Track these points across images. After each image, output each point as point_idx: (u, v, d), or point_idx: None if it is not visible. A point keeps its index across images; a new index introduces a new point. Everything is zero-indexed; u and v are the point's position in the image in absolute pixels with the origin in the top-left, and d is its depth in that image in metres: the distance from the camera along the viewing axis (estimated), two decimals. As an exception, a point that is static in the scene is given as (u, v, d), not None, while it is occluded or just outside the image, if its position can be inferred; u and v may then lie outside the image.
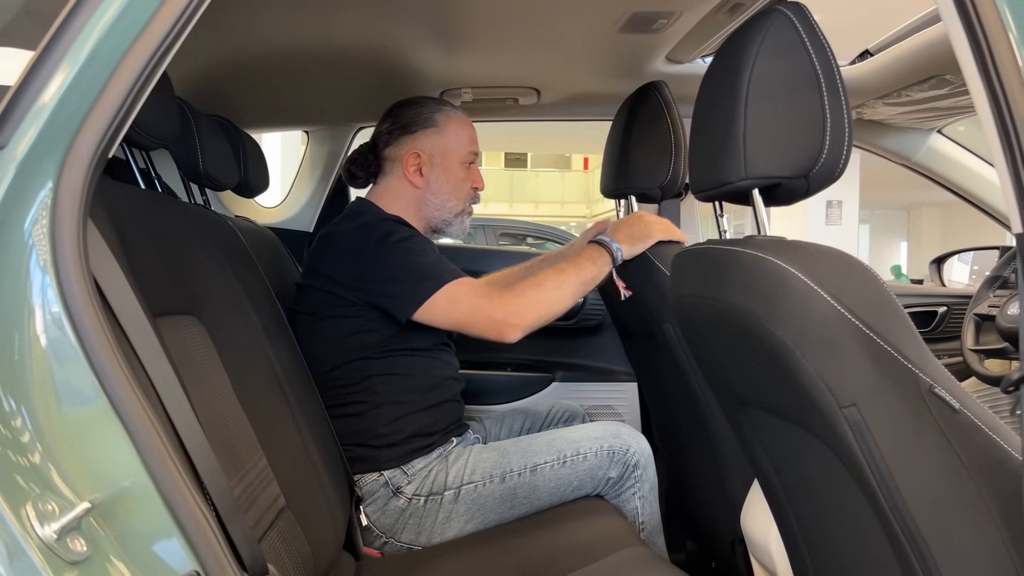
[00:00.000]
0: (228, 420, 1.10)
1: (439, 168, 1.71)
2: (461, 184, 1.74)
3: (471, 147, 1.75)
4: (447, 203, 1.73)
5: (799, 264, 0.86)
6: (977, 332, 1.77)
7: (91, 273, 0.73)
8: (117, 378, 0.69)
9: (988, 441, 0.81)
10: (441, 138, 1.71)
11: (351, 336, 1.58)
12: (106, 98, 0.72)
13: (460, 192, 1.74)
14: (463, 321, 1.52)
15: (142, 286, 0.88)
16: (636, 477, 1.62)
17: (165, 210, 1.22)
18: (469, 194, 1.76)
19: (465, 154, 1.74)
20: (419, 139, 1.71)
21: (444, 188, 1.72)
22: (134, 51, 0.73)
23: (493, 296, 1.51)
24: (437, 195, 1.72)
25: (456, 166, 1.73)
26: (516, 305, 1.50)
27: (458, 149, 1.73)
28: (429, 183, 1.71)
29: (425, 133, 1.71)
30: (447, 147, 1.72)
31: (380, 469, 1.56)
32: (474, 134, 1.77)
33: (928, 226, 16.30)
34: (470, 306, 1.51)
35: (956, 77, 1.58)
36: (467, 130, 1.75)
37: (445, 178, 1.72)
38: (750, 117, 0.92)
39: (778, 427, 1.03)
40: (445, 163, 1.72)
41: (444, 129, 1.72)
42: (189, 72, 1.76)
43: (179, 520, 0.69)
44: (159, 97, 1.12)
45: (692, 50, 1.74)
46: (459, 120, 1.75)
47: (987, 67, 0.76)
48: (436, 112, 1.73)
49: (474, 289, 1.52)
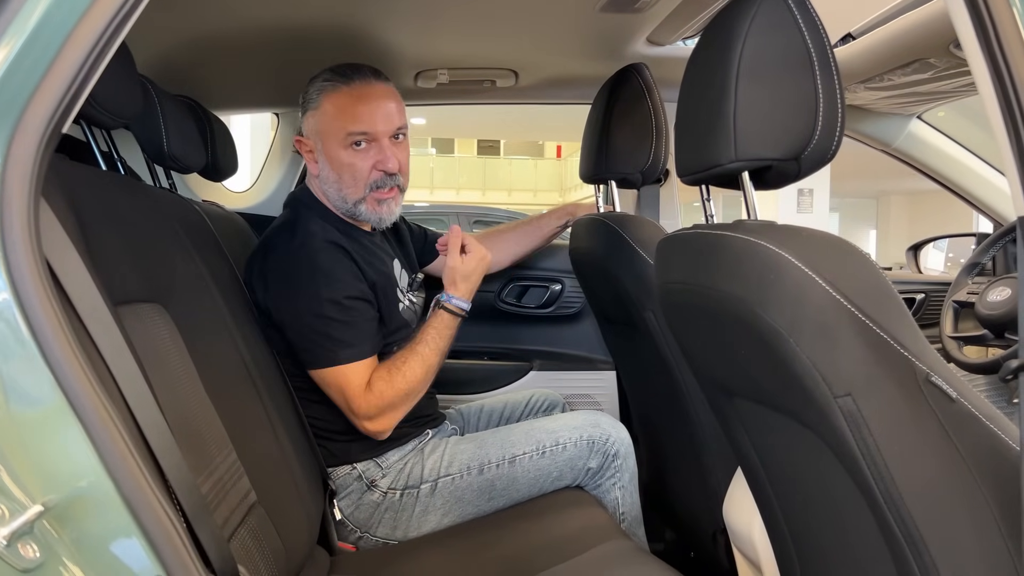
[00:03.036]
0: (196, 413, 1.05)
1: (323, 155, 1.55)
2: (347, 170, 1.53)
3: (352, 127, 1.50)
4: (341, 191, 1.55)
5: (792, 249, 0.83)
6: (956, 319, 1.77)
7: (44, 257, 0.67)
8: (73, 371, 0.64)
9: (986, 431, 0.79)
10: (319, 120, 1.54)
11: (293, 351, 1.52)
12: (57, 69, 0.67)
13: (350, 179, 1.53)
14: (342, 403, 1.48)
15: (102, 272, 0.82)
16: (616, 467, 1.60)
17: (127, 193, 1.16)
18: (371, 178, 1.54)
19: (343, 136, 1.51)
20: (306, 122, 1.57)
21: (331, 176, 1.55)
22: (88, 19, 0.67)
23: (365, 406, 1.45)
24: (329, 184, 1.56)
25: (338, 150, 1.52)
26: (385, 418, 1.47)
27: (335, 132, 1.51)
28: (320, 170, 1.57)
29: (308, 116, 1.56)
30: (324, 130, 1.53)
31: (351, 462, 1.53)
32: (363, 109, 1.51)
33: (896, 214, 16.53)
34: (345, 405, 1.47)
35: (940, 61, 1.56)
36: (351, 107, 1.51)
37: (330, 165, 1.54)
38: (741, 97, 0.89)
39: (766, 417, 1.00)
40: (326, 148, 1.54)
41: (321, 109, 1.53)
42: (154, 50, 1.70)
43: (141, 521, 0.65)
44: (119, 72, 1.07)
45: (674, 32, 1.71)
46: (344, 95, 1.51)
47: (990, 42, 0.73)
48: (319, 91, 1.53)
49: (353, 389, 1.45)
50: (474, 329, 2.28)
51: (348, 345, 1.46)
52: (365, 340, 1.48)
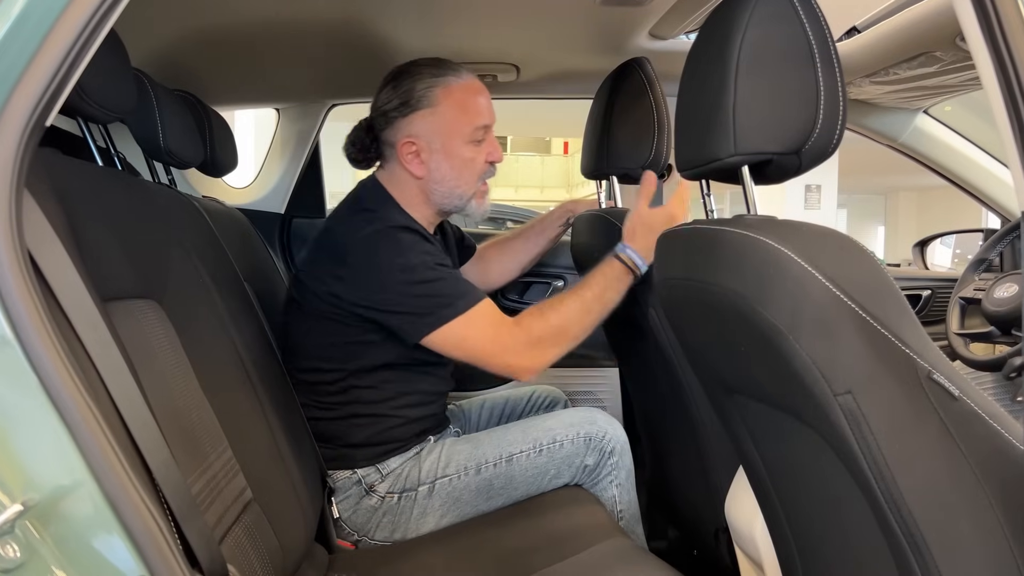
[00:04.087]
0: (190, 410, 1.04)
1: (439, 153, 1.50)
2: (468, 165, 1.52)
3: (477, 121, 1.51)
4: (456, 189, 1.53)
5: (793, 244, 0.81)
6: (962, 316, 1.75)
7: (27, 249, 0.66)
8: (55, 367, 0.63)
9: (989, 429, 0.78)
10: (438, 119, 1.49)
11: (345, 344, 1.47)
12: (41, 60, 0.66)
13: (469, 174, 1.53)
14: (472, 359, 1.41)
15: (91, 268, 0.81)
16: (613, 464, 1.58)
17: (122, 188, 1.15)
18: (482, 170, 1.55)
19: (470, 132, 1.50)
20: (414, 122, 1.50)
21: (448, 174, 1.51)
22: (72, 8, 0.66)
23: (507, 336, 1.39)
24: (442, 183, 1.52)
25: (460, 147, 1.51)
26: (533, 350, 1.40)
27: (460, 128, 1.50)
28: (431, 171, 1.51)
29: (420, 115, 1.49)
30: (446, 128, 1.50)
31: (354, 467, 1.51)
32: (483, 101, 1.53)
33: (905, 210, 16.45)
34: (481, 346, 1.40)
35: (946, 54, 1.54)
36: (472, 101, 1.51)
37: (448, 164, 1.51)
38: (740, 90, 0.87)
39: (767, 414, 0.99)
40: (446, 146, 1.50)
41: (440, 107, 1.49)
42: (152, 45, 1.69)
43: (124, 521, 0.63)
44: (112, 66, 1.06)
45: (676, 25, 1.69)
46: (462, 90, 1.50)
47: (994, 35, 0.72)
48: (433, 87, 1.49)
49: (487, 325, 1.39)
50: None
51: (463, 294, 1.41)
52: (474, 288, 1.44)
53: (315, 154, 2.48)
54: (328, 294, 1.44)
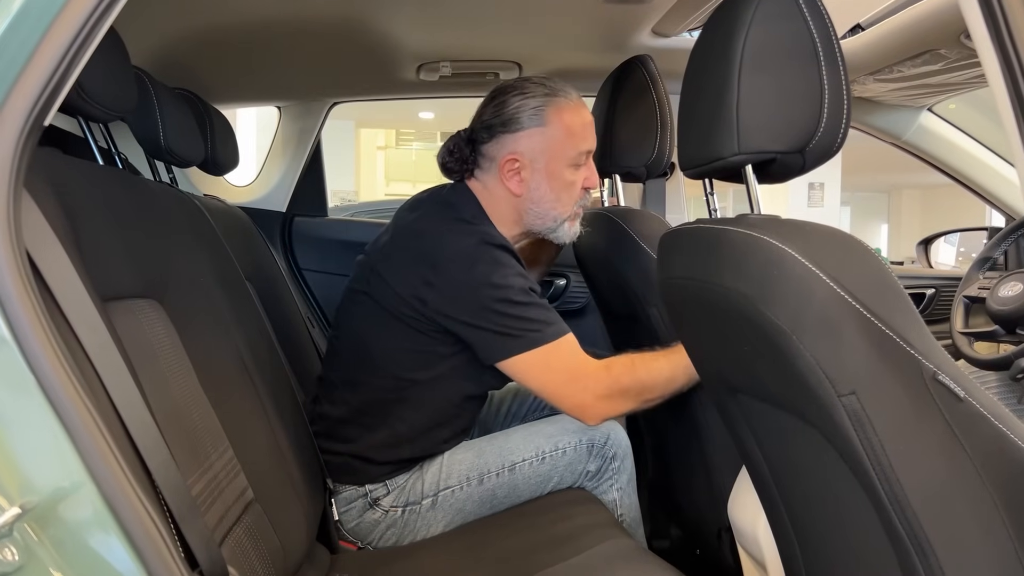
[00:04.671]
0: (191, 410, 1.04)
1: (541, 173, 1.47)
2: (568, 188, 1.49)
3: (583, 146, 1.48)
4: (552, 211, 1.49)
5: (796, 244, 0.81)
6: (966, 315, 1.74)
7: (25, 248, 0.66)
8: (53, 368, 0.63)
9: (994, 431, 0.77)
10: (546, 138, 1.45)
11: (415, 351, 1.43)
12: (38, 59, 0.65)
13: (568, 197, 1.49)
14: (547, 392, 1.37)
15: (91, 267, 0.81)
16: (614, 469, 1.57)
17: (123, 187, 1.14)
18: (579, 196, 1.51)
19: (574, 155, 1.47)
20: (520, 140, 1.46)
21: (547, 196, 1.48)
22: (70, 7, 0.65)
23: (590, 379, 1.35)
24: (539, 204, 1.48)
25: (563, 169, 1.47)
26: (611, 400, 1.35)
27: (567, 151, 1.46)
28: (530, 189, 1.47)
29: (528, 133, 1.46)
30: (553, 149, 1.46)
31: (363, 483, 1.48)
32: (589, 126, 1.50)
33: (908, 208, 16.40)
34: (561, 383, 1.36)
35: (951, 52, 1.53)
36: (580, 124, 1.48)
37: (548, 185, 1.47)
38: (743, 88, 0.86)
39: (770, 415, 0.98)
40: (549, 167, 1.47)
41: (550, 127, 1.45)
42: (152, 43, 1.68)
43: (123, 523, 0.63)
44: (111, 65, 1.05)
45: (679, 23, 1.68)
46: (572, 112, 1.47)
47: (1000, 32, 0.71)
48: (544, 105, 1.45)
49: (571, 362, 1.36)
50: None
51: (553, 322, 1.37)
52: (561, 320, 1.40)
53: (317, 152, 2.48)
54: (413, 297, 1.39)
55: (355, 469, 1.47)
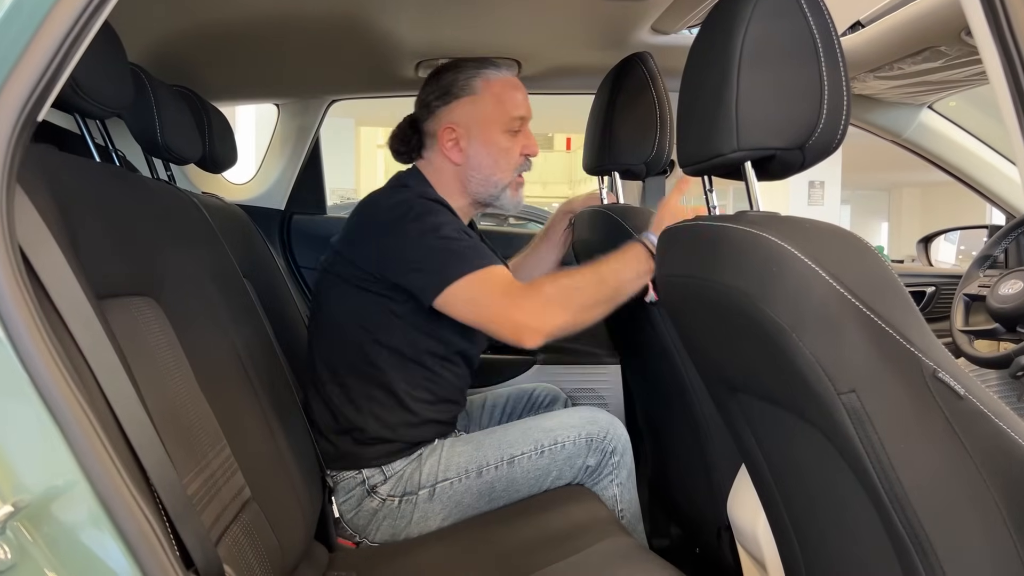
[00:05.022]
0: (188, 408, 1.03)
1: (478, 140, 1.57)
2: (505, 154, 1.58)
3: (515, 112, 1.58)
4: (491, 176, 1.58)
5: (795, 241, 0.80)
6: (967, 313, 1.74)
7: (18, 245, 0.65)
8: (47, 366, 0.62)
9: (994, 428, 0.77)
10: (478, 107, 1.56)
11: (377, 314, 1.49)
12: (32, 54, 0.64)
13: (505, 163, 1.58)
14: (481, 317, 1.40)
15: (86, 264, 0.80)
16: (614, 464, 1.57)
17: (120, 184, 1.14)
18: (518, 162, 1.60)
19: (507, 121, 1.57)
20: (454, 111, 1.57)
21: (485, 162, 1.57)
22: (65, 1, 0.65)
23: (515, 295, 1.38)
24: (479, 170, 1.58)
25: (498, 136, 1.57)
26: (541, 312, 1.37)
27: (499, 117, 1.57)
28: (469, 158, 1.57)
29: (460, 103, 1.57)
30: (486, 116, 1.56)
31: (360, 467, 1.49)
32: (520, 96, 1.60)
33: (909, 206, 16.40)
34: (491, 303, 1.39)
35: (951, 49, 1.53)
36: (510, 94, 1.58)
37: (486, 151, 1.57)
38: (743, 84, 0.86)
39: (770, 413, 0.98)
40: (484, 134, 1.56)
41: (482, 96, 1.56)
42: (149, 39, 1.67)
43: (117, 522, 0.63)
44: (107, 61, 1.05)
45: (679, 20, 1.67)
46: (502, 83, 1.58)
47: (1001, 29, 0.71)
48: (474, 77, 1.57)
49: (499, 283, 1.40)
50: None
51: (481, 256, 1.42)
52: (495, 257, 1.45)
53: (315, 150, 2.47)
54: (364, 259, 1.48)
55: (349, 453, 1.50)
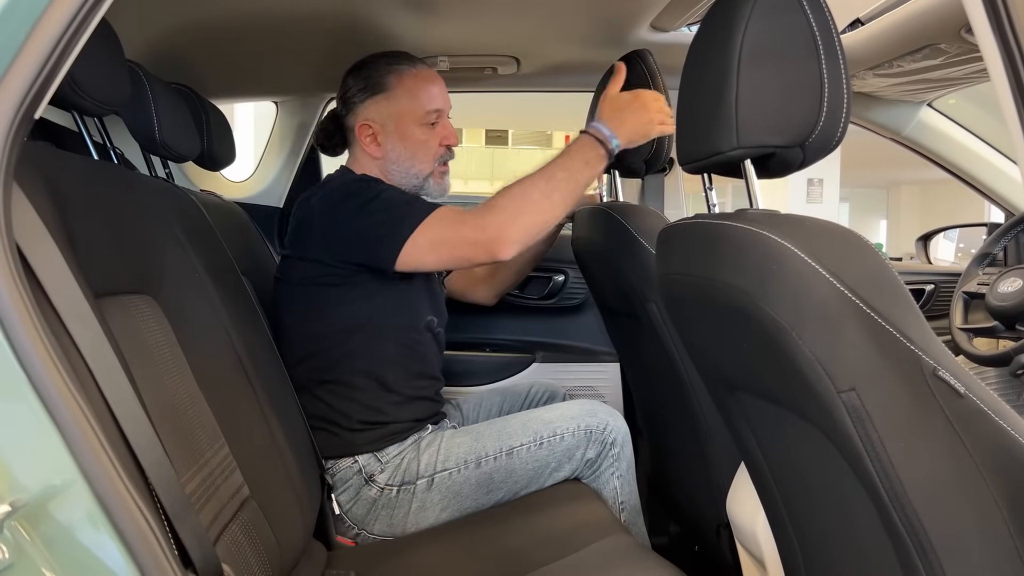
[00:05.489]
0: (186, 406, 1.03)
1: (394, 135, 1.60)
2: (421, 147, 1.61)
3: (429, 105, 1.61)
4: (411, 169, 1.62)
5: (795, 239, 0.80)
6: (966, 310, 1.74)
7: (16, 243, 0.65)
8: (45, 365, 0.62)
9: (994, 427, 0.77)
10: (391, 103, 1.60)
11: (337, 306, 1.51)
12: (28, 52, 0.64)
13: (423, 154, 1.62)
14: (450, 254, 1.43)
15: (84, 263, 0.80)
16: (614, 456, 1.58)
17: (118, 182, 1.13)
18: (437, 152, 1.64)
19: (422, 115, 1.60)
20: (368, 108, 1.61)
21: (403, 155, 1.61)
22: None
23: (472, 219, 1.40)
24: (398, 163, 1.61)
25: (413, 129, 1.60)
26: (498, 220, 1.38)
27: (412, 111, 1.60)
28: (387, 151, 1.61)
29: (374, 100, 1.60)
30: (399, 111, 1.60)
31: (354, 454, 1.50)
32: (435, 89, 1.63)
33: (908, 204, 16.39)
34: (451, 237, 1.41)
35: (951, 47, 1.52)
36: (423, 87, 1.61)
37: (402, 144, 1.60)
38: (743, 82, 0.86)
39: (769, 411, 0.98)
40: (399, 129, 1.60)
41: (393, 93, 1.60)
42: (147, 37, 1.67)
43: (115, 521, 0.62)
44: (105, 58, 1.04)
45: (678, 17, 1.67)
46: (413, 77, 1.61)
47: (1002, 26, 0.70)
48: (387, 74, 1.60)
49: (451, 218, 1.42)
50: (476, 320, 2.26)
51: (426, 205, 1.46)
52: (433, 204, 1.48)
53: (314, 148, 2.46)
54: (313, 260, 1.50)
55: (341, 440, 1.51)
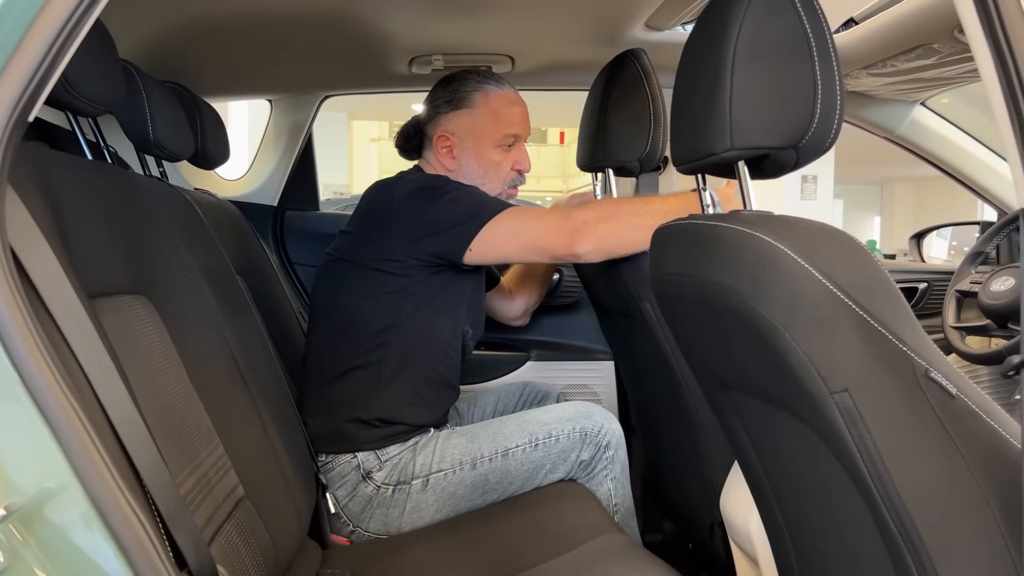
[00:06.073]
0: (181, 406, 1.03)
1: (470, 152, 1.64)
2: (495, 168, 1.66)
3: (509, 129, 1.65)
4: (481, 186, 1.63)
5: (788, 240, 0.80)
6: (958, 309, 1.74)
7: (9, 245, 0.65)
8: (38, 367, 0.62)
9: (986, 428, 0.77)
10: (473, 119, 1.64)
11: (390, 294, 1.52)
12: (23, 52, 0.64)
13: (494, 175, 1.66)
14: (530, 241, 1.46)
15: (79, 263, 0.80)
16: (608, 458, 1.58)
17: (111, 182, 1.13)
18: (508, 176, 1.68)
19: (500, 137, 1.64)
20: (451, 120, 1.65)
21: (475, 172, 1.65)
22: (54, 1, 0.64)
23: (558, 212, 1.46)
24: (468, 179, 1.64)
25: (489, 149, 1.65)
26: (586, 216, 1.42)
27: (492, 132, 1.64)
28: (460, 166, 1.65)
29: (457, 114, 1.64)
30: (479, 129, 1.64)
31: (356, 450, 1.50)
32: (520, 113, 1.67)
33: (901, 201, 16.45)
34: (533, 225, 1.46)
35: (944, 46, 1.53)
36: (507, 110, 1.65)
37: (476, 162, 1.65)
38: (737, 83, 0.86)
39: (762, 411, 0.98)
40: (476, 147, 1.64)
41: (477, 110, 1.64)
42: (140, 35, 1.66)
43: (109, 524, 0.62)
44: (99, 58, 1.04)
45: (672, 16, 1.67)
46: (500, 98, 1.65)
47: (993, 26, 0.71)
48: (474, 91, 1.65)
49: (532, 210, 1.51)
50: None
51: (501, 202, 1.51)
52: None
53: (308, 146, 2.46)
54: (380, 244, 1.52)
55: (346, 434, 1.51)
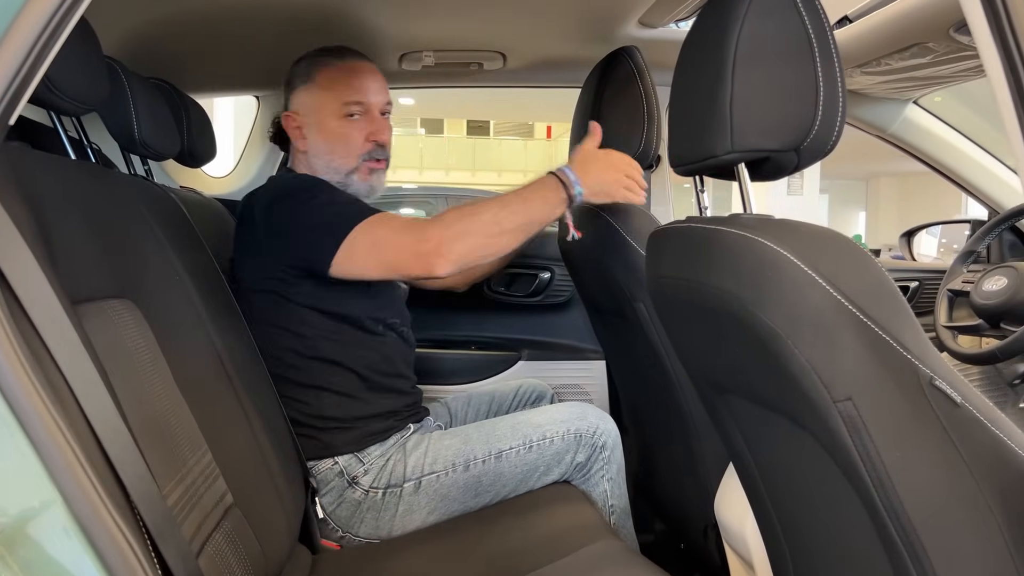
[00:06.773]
0: (168, 413, 1.00)
1: (314, 127, 1.58)
2: (342, 141, 1.57)
3: (346, 97, 1.56)
4: (332, 162, 1.58)
5: (791, 246, 0.79)
6: (950, 308, 1.74)
7: None
8: (19, 379, 0.59)
9: (991, 437, 0.76)
10: (312, 94, 1.58)
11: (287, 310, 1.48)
12: (4, 54, 0.61)
13: (342, 148, 1.58)
14: (388, 261, 1.38)
15: (62, 267, 0.78)
16: (604, 459, 1.57)
17: (95, 182, 1.10)
18: (363, 149, 1.58)
19: (338, 107, 1.56)
20: (294, 98, 1.61)
21: (323, 148, 1.58)
22: None
23: (416, 229, 1.36)
24: (319, 156, 1.58)
25: (331, 121, 1.57)
26: (442, 234, 1.33)
27: (329, 102, 1.57)
28: (310, 143, 1.59)
29: (299, 91, 1.60)
30: (319, 102, 1.58)
31: (334, 455, 1.48)
32: (357, 82, 1.58)
33: (886, 196, 16.55)
34: (392, 241, 1.36)
35: (939, 45, 1.52)
36: (343, 79, 1.57)
37: (322, 137, 1.58)
38: (737, 85, 0.84)
39: (760, 416, 0.97)
40: (319, 121, 1.58)
41: (314, 82, 1.58)
42: (124, 31, 1.63)
43: (94, 542, 0.60)
44: (82, 55, 1.01)
45: (666, 13, 1.66)
46: (336, 69, 1.58)
47: (1000, 23, 0.69)
48: (312, 66, 1.59)
49: (394, 224, 1.38)
50: (461, 318, 2.24)
51: (369, 208, 1.43)
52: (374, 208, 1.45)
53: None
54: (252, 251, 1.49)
55: (320, 442, 1.48)
